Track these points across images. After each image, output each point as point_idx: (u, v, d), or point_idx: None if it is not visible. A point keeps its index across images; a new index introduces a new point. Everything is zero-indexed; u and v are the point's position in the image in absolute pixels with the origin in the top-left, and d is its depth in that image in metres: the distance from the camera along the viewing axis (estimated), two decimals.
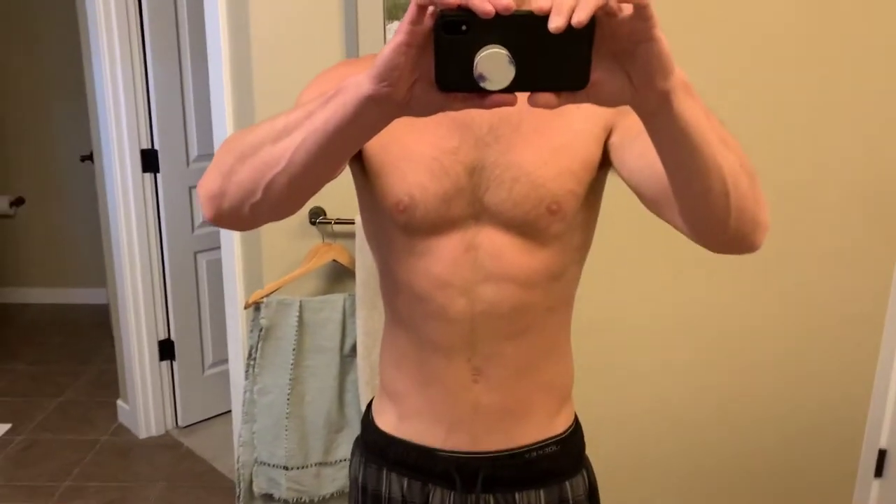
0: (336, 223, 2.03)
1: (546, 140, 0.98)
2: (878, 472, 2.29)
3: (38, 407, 3.33)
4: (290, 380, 2.03)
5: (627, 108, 0.93)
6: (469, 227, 1.00)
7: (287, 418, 2.05)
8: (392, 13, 1.94)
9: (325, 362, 2.05)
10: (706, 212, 0.76)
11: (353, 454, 1.20)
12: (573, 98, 0.62)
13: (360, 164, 1.03)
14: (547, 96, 0.61)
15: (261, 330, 2.00)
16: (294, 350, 2.02)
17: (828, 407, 2.27)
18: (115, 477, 2.80)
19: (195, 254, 3.03)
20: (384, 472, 1.12)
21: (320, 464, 2.11)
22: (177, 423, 3.16)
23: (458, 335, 1.03)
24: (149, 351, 3.01)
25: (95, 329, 4.18)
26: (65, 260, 4.59)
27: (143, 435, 3.09)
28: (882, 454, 2.27)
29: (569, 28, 0.55)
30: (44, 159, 4.43)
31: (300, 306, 2.01)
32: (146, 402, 3.06)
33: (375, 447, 1.13)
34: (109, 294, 3.01)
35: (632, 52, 0.61)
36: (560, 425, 1.12)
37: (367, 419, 1.16)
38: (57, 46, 4.23)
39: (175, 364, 3.09)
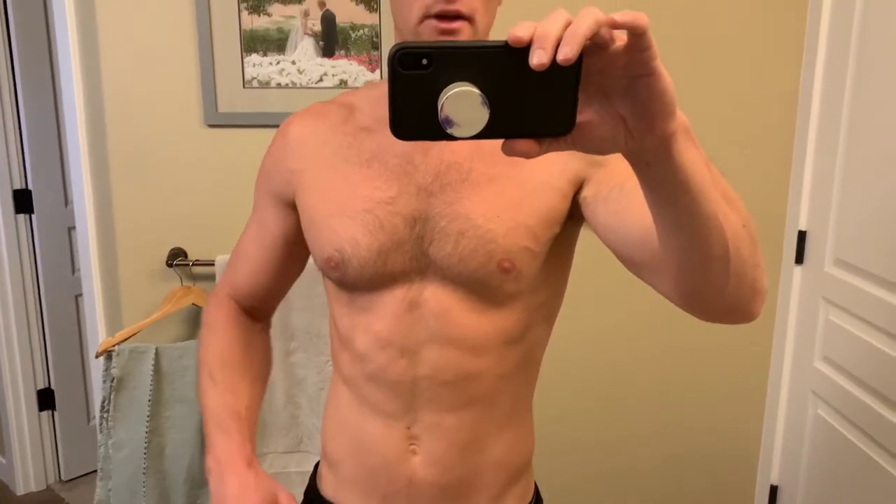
0: (195, 265, 1.93)
1: (499, 191, 0.88)
2: None
3: None
4: (146, 432, 1.90)
5: (601, 160, 0.86)
6: (414, 283, 0.91)
7: (145, 474, 1.92)
8: (249, 46, 1.87)
9: (186, 413, 1.94)
10: (701, 278, 0.65)
11: None
12: (556, 144, 0.51)
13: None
14: (526, 143, 0.50)
15: (112, 380, 1.88)
16: (150, 401, 1.90)
17: (720, 445, 2.24)
18: None
19: (76, 297, 2.89)
20: None
21: None
22: (59, 476, 2.98)
23: (397, 400, 0.94)
24: (26, 401, 2.84)
25: None
26: None
27: (21, 491, 2.90)
28: (774, 490, 2.23)
29: (553, 63, 0.45)
30: None
31: (156, 354, 1.90)
32: (24, 455, 2.88)
33: None
34: None
35: (627, 89, 0.50)
36: None
37: (311, 481, 1.10)
38: None
39: (56, 414, 2.91)
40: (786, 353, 2.11)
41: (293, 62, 1.88)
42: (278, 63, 1.88)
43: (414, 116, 0.49)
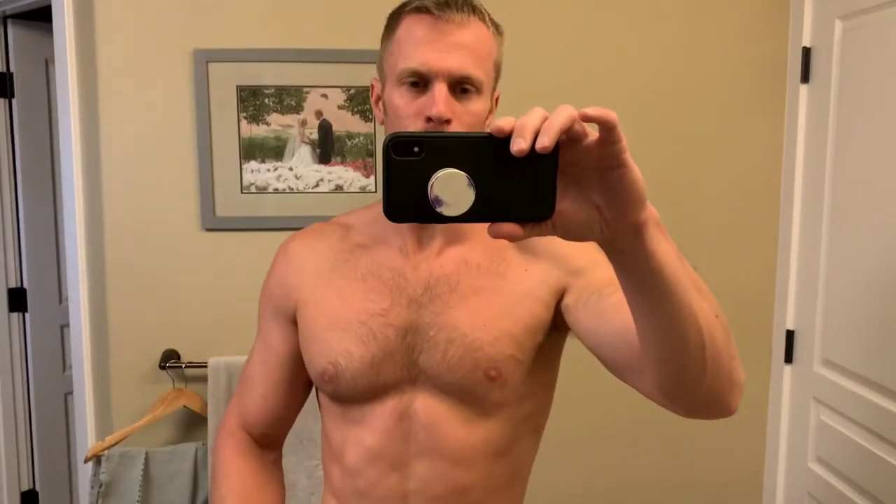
0: (188, 367, 1.93)
1: (485, 302, 0.93)
2: None
3: None
4: None
5: (581, 269, 0.92)
6: (405, 393, 0.94)
7: None
8: (248, 153, 1.93)
9: None
10: (679, 367, 0.66)
11: None
12: (539, 229, 0.54)
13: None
14: (510, 226, 0.53)
15: (100, 486, 1.85)
16: None
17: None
18: None
19: (66, 395, 2.86)
20: None
21: None
22: None
23: None
24: (9, 503, 2.77)
25: None
26: None
27: None
28: None
29: (532, 152, 0.50)
30: None
31: (146, 458, 1.88)
32: None
33: None
34: None
35: (600, 180, 0.54)
36: None
37: None
38: None
39: None
40: (780, 454, 2.10)
41: (290, 168, 1.94)
42: (276, 169, 1.94)
43: (406, 199, 0.53)
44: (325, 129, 1.92)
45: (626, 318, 0.70)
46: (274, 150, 1.92)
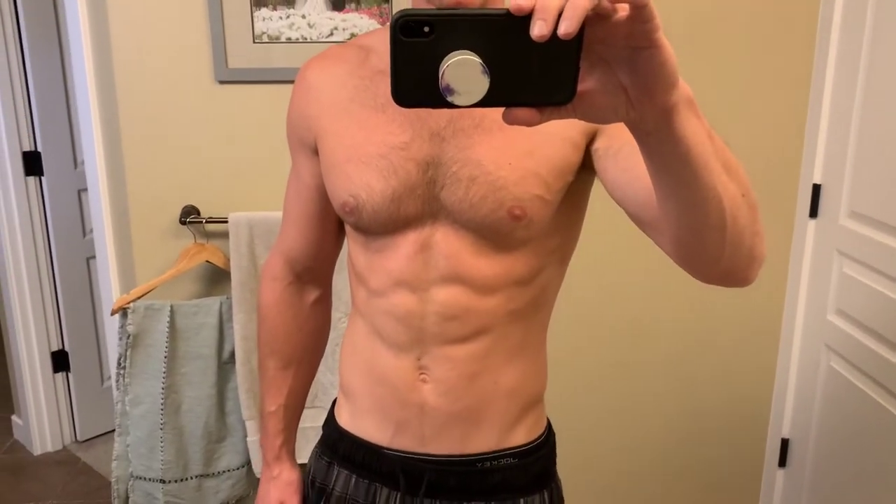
0: (208, 222, 1.93)
1: (511, 140, 0.89)
2: (782, 461, 2.27)
3: None
4: (163, 389, 1.92)
5: None
6: (426, 225, 0.94)
7: (162, 429, 1.94)
8: (259, 0, 1.85)
9: (202, 369, 1.95)
10: (698, 245, 0.67)
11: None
12: (558, 113, 0.51)
13: None
14: (526, 112, 0.50)
15: (128, 337, 1.89)
16: (166, 357, 1.91)
17: (732, 398, 2.25)
18: (3, 498, 2.65)
19: (88, 259, 2.89)
20: (334, 465, 1.09)
21: (201, 476, 2.00)
22: (75, 437, 3.01)
23: (407, 333, 0.98)
24: (40, 363, 2.86)
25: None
26: None
27: (38, 451, 2.93)
28: (785, 443, 2.25)
29: (554, 34, 0.46)
30: None
31: (171, 311, 1.91)
32: (40, 416, 2.91)
33: (330, 440, 1.11)
34: None
35: (629, 59, 0.50)
36: (520, 437, 1.04)
37: (331, 412, 1.14)
38: None
39: (70, 376, 2.94)
40: (798, 307, 2.11)
41: (303, 16, 1.86)
42: (288, 17, 1.86)
43: (415, 83, 0.49)
44: None
45: None
46: None
